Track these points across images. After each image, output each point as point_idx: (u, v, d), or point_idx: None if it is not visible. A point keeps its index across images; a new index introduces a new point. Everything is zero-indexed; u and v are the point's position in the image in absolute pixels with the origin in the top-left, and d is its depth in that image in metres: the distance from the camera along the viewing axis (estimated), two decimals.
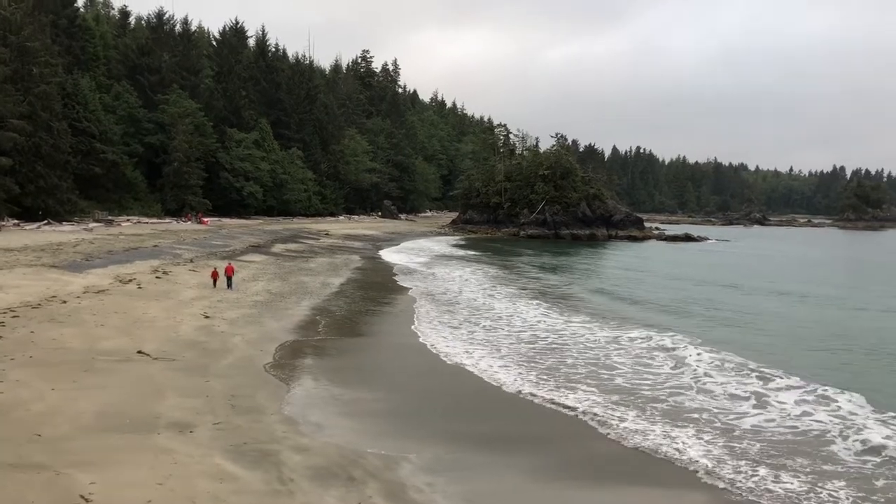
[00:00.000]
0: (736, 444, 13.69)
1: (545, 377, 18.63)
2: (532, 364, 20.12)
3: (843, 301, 35.77)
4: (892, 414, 15.53)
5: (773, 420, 15.37)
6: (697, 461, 12.79)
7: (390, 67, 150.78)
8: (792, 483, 11.87)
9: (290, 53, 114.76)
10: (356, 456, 12.14)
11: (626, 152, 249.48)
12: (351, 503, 10.24)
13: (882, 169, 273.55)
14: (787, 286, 42.37)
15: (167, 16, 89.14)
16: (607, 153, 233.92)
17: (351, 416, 14.81)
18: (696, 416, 15.55)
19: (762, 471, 12.37)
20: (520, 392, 17.20)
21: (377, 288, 35.48)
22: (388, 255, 55.76)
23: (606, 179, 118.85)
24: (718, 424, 14.98)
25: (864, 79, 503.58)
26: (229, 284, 30.77)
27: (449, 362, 20.07)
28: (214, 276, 31.12)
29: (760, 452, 13.32)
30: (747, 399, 16.89)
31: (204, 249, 45.44)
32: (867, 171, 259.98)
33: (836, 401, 16.63)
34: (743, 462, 12.78)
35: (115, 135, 69.91)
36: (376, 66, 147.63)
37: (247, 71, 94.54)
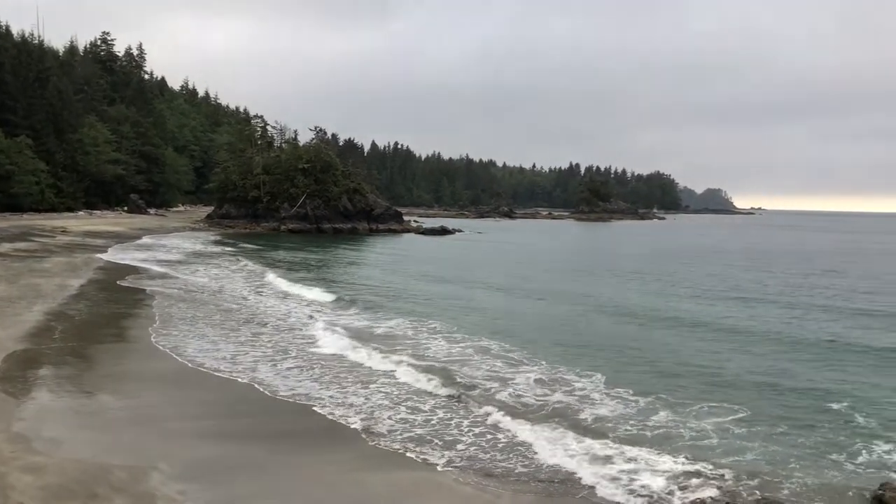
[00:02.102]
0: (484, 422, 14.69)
1: (315, 377, 18.61)
2: (299, 365, 19.96)
3: (583, 294, 39.26)
4: (621, 389, 17.45)
5: (522, 402, 16.61)
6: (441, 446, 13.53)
7: (135, 52, 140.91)
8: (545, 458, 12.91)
9: (14, 31, 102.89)
10: (100, 470, 11.28)
11: (384, 147, 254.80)
12: None
13: (610, 166, 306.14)
14: (535, 278, 45.80)
15: None
16: (367, 148, 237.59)
17: (95, 428, 13.72)
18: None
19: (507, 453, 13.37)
20: (288, 393, 16.97)
21: (124, 290, 33.04)
22: (137, 252, 52.11)
23: (366, 174, 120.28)
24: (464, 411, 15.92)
25: (596, 84, 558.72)
26: None
27: (207, 365, 19.24)
28: None
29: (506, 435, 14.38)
30: (503, 385, 18.09)
31: None
32: (598, 168, 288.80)
33: (576, 381, 18.39)
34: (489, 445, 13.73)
35: None
36: (119, 49, 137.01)
37: None
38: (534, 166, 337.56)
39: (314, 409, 15.67)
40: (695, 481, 11.90)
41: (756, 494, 11.43)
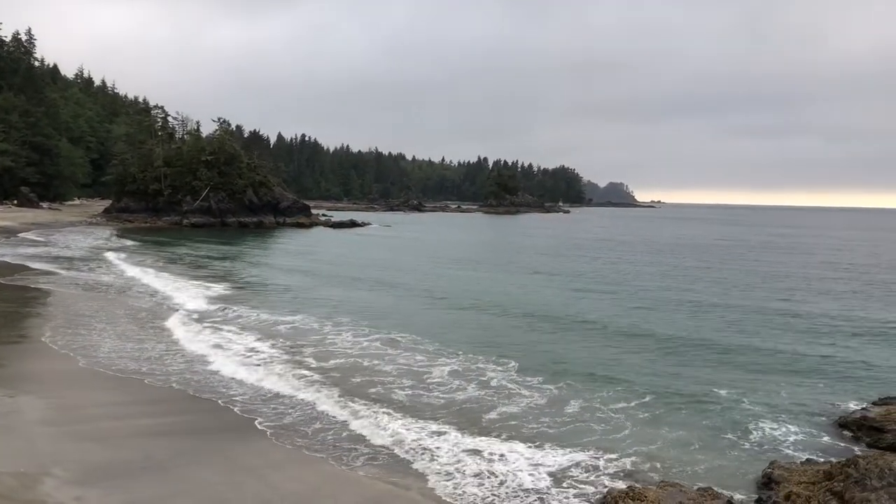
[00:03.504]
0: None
1: (219, 375, 18.17)
2: (203, 364, 19.44)
3: (492, 290, 39.71)
4: (531, 378, 17.97)
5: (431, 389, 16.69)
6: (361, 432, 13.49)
7: (23, 37, 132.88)
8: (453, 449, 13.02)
9: None
10: None
11: (291, 139, 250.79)
12: None
13: (517, 160, 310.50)
14: (444, 274, 46.05)
15: None
16: (273, 140, 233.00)
17: None
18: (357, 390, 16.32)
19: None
20: (192, 392, 16.49)
21: (13, 287, 31.32)
22: (29, 248, 49.54)
23: (273, 166, 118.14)
24: (378, 399, 15.90)
25: (504, 81, 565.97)
26: None
27: (106, 364, 18.46)
28: None
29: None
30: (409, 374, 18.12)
31: None
32: (505, 162, 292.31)
33: (491, 370, 18.66)
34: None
35: None
36: (5, 34, 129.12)
37: None
38: (443, 160, 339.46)
39: (220, 407, 15.29)
40: (586, 471, 12.30)
41: (658, 475, 11.89)
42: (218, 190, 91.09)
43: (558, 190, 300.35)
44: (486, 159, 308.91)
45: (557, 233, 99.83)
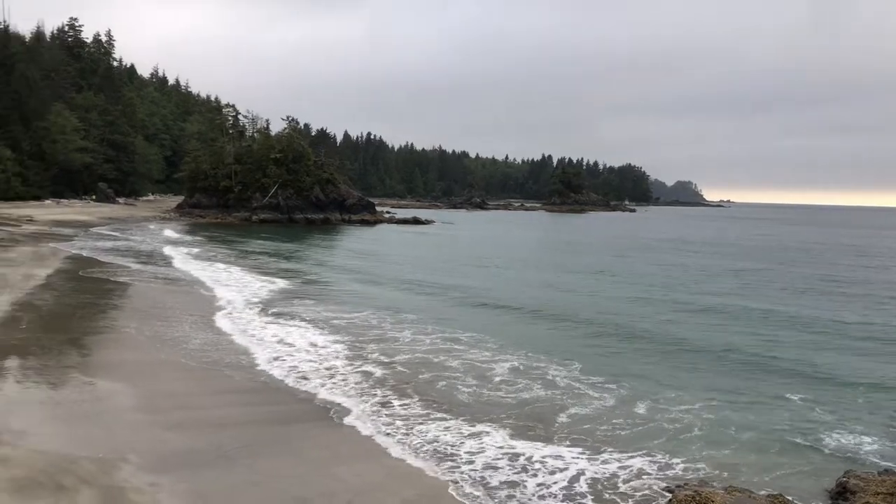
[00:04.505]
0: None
1: (293, 366, 18.54)
2: (275, 355, 19.87)
3: (557, 288, 39.47)
4: (597, 379, 17.83)
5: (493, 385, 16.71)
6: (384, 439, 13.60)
7: (103, 38, 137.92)
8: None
9: None
10: (67, 462, 11.13)
11: (357, 138, 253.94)
12: None
13: (582, 158, 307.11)
14: (509, 270, 45.97)
15: None
16: (339, 138, 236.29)
17: (64, 419, 13.49)
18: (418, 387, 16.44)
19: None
20: (262, 383, 16.89)
21: (92, 280, 32.55)
22: (106, 242, 51.42)
23: (339, 164, 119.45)
24: (437, 397, 15.98)
25: (568, 78, 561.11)
26: None
27: (181, 355, 19.03)
28: None
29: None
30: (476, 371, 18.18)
31: None
32: (570, 160, 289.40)
33: (554, 370, 18.62)
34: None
35: None
36: (87, 35, 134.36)
37: None
38: (507, 158, 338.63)
39: (290, 400, 15.61)
40: (652, 473, 12.12)
41: (725, 482, 11.63)
42: (286, 187, 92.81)
43: (624, 188, 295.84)
44: (550, 157, 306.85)
45: (622, 232, 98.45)
